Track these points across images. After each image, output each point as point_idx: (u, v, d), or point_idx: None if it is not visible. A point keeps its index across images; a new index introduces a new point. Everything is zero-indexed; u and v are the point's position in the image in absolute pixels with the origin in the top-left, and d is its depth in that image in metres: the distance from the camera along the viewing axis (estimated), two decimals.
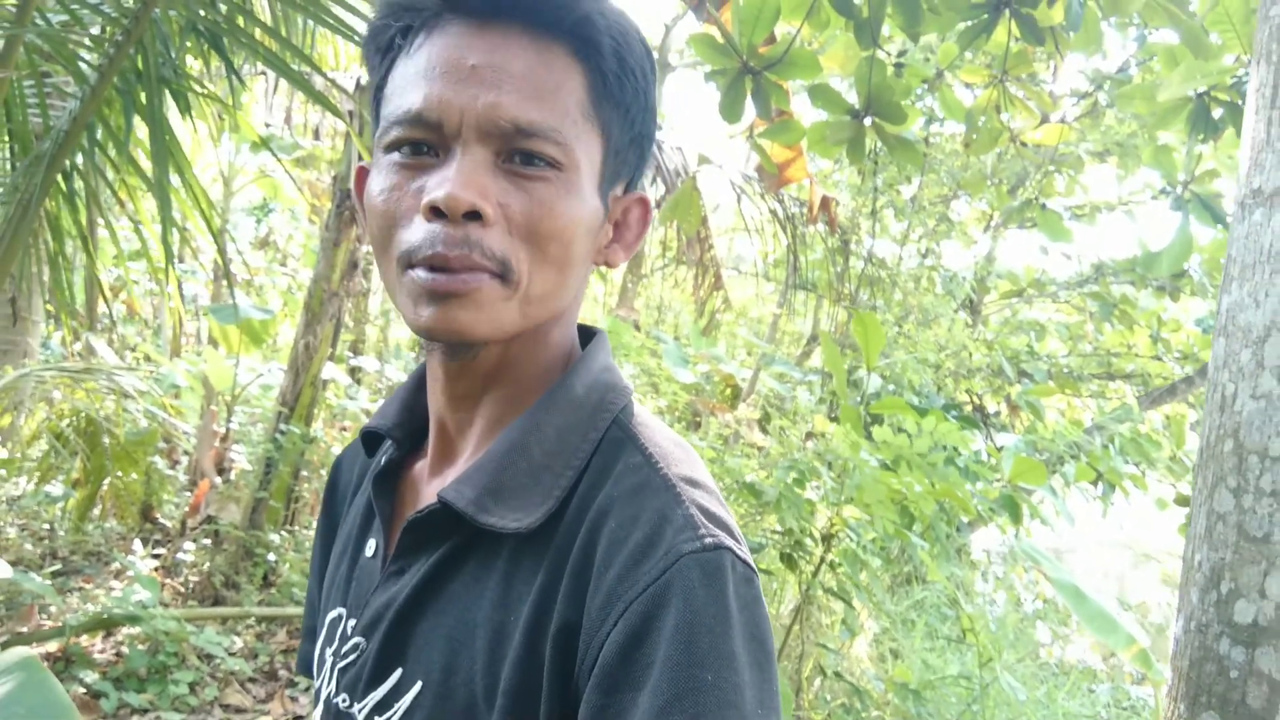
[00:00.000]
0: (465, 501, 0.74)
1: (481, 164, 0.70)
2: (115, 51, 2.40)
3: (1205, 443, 1.92)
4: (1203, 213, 3.06)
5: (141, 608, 3.43)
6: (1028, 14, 3.05)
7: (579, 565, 0.69)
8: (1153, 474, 6.44)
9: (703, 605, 0.64)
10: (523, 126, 0.70)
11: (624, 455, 0.75)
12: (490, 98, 0.70)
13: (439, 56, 0.72)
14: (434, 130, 0.71)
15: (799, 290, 8.25)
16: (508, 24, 0.72)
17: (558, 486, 0.74)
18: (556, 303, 0.77)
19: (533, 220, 0.72)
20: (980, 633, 3.13)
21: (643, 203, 0.84)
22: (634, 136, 0.80)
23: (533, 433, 0.77)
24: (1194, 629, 1.86)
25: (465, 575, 0.75)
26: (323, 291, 4.83)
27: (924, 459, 2.89)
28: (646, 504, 0.70)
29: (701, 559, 0.66)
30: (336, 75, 4.77)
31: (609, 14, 0.75)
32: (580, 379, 0.81)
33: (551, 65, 0.73)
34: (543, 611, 0.69)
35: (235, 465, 5.28)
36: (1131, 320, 7.70)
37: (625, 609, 0.65)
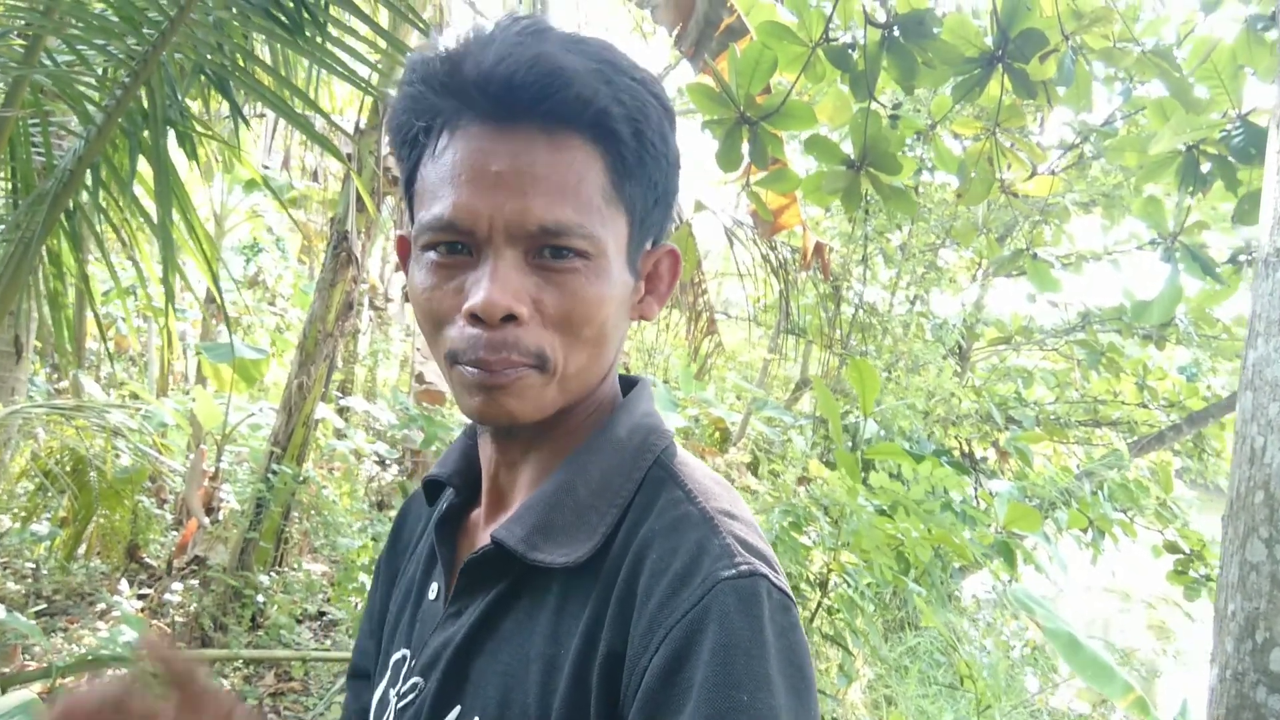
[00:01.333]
0: (516, 540, 0.77)
1: (512, 266, 0.74)
2: (123, 93, 2.42)
3: (1235, 494, 1.94)
4: (1192, 264, 3.12)
5: (128, 649, 3.38)
6: (1020, 69, 3.12)
7: (623, 596, 0.72)
8: (1140, 521, 6.47)
9: (738, 629, 0.66)
10: (549, 227, 0.73)
11: (665, 492, 0.79)
12: (516, 204, 0.73)
13: (463, 162, 0.75)
14: (466, 235, 0.75)
15: (789, 335, 8.31)
16: (525, 124, 0.74)
17: (603, 523, 0.78)
18: (595, 376, 0.82)
19: (565, 311, 0.75)
20: (977, 679, 3.13)
21: (672, 254, 0.88)
22: (658, 198, 0.82)
23: (579, 474, 0.80)
24: (1229, 678, 1.87)
25: (518, 612, 0.78)
26: (318, 332, 4.83)
27: (920, 505, 2.90)
28: (686, 536, 0.73)
29: (737, 585, 0.68)
30: (335, 118, 4.81)
31: (624, 99, 0.76)
32: (623, 424, 0.84)
33: (572, 161, 0.75)
34: (590, 642, 0.72)
35: (224, 505, 5.24)
36: (1118, 368, 7.78)
37: (666, 635, 0.67)
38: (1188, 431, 7.08)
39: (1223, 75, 2.84)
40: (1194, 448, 7.77)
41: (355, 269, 4.89)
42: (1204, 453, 7.81)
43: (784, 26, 3.23)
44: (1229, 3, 3.68)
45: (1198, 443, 7.68)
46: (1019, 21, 3.04)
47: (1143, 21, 4.46)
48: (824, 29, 3.21)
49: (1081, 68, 2.91)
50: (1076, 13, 2.96)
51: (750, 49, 3.08)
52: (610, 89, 0.75)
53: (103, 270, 6.42)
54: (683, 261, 0.92)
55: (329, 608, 5.16)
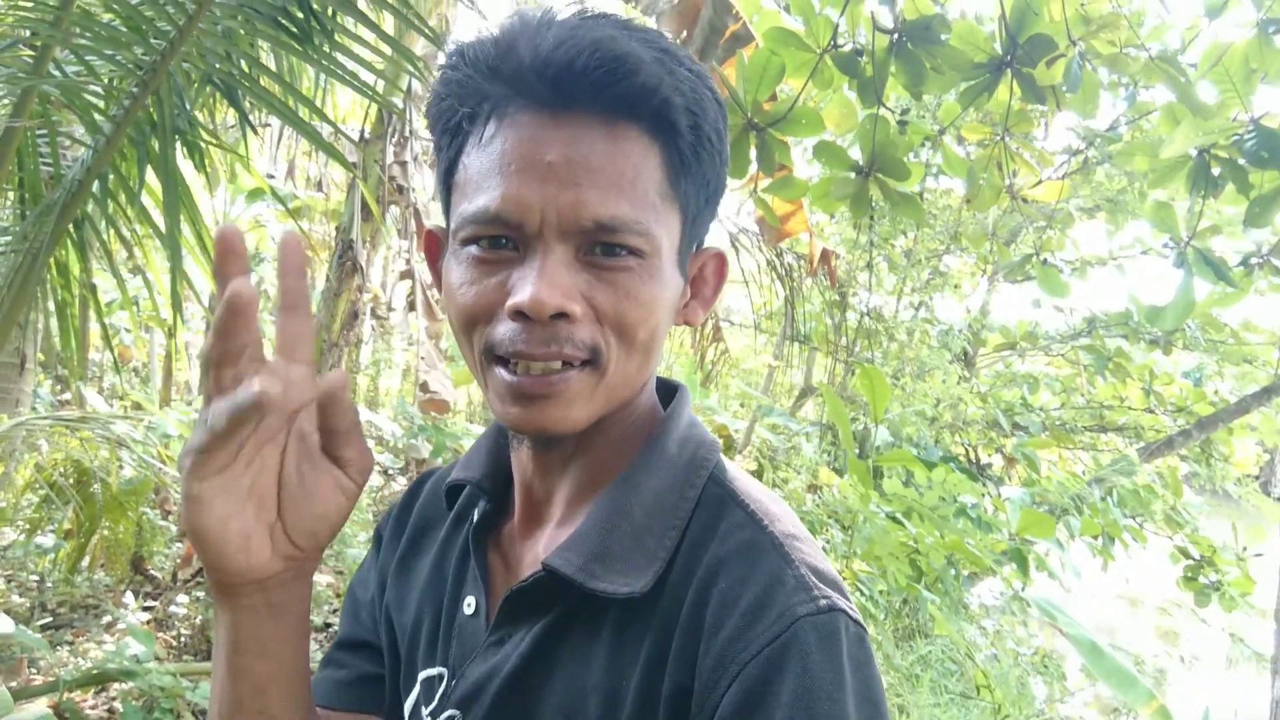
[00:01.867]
0: (573, 569, 0.72)
1: (563, 263, 0.69)
2: (131, 103, 2.41)
3: None
4: (1204, 268, 3.11)
5: (136, 662, 3.36)
6: (1028, 74, 3.11)
7: (689, 627, 0.68)
8: (1149, 527, 6.45)
9: (820, 671, 0.63)
10: (604, 223, 0.69)
11: (726, 514, 0.75)
12: (570, 196, 0.68)
13: (514, 151, 0.70)
14: (513, 229, 0.70)
15: (794, 342, 8.29)
16: (582, 112, 0.70)
17: (662, 548, 0.73)
18: (638, 383, 0.78)
19: (620, 312, 0.71)
20: (994, 689, 3.11)
21: (718, 257, 0.85)
22: (709, 196, 0.79)
23: (632, 494, 0.76)
24: None
25: (572, 643, 0.74)
26: (323, 342, 4.82)
27: (935, 511, 2.89)
28: (757, 564, 0.69)
29: (817, 622, 0.65)
30: (340, 128, 4.80)
31: (684, 89, 0.72)
32: (671, 437, 0.80)
33: (629, 153, 0.70)
34: (654, 674, 0.68)
35: None
36: (1125, 373, 7.76)
37: (740, 671, 0.64)
38: (1196, 437, 7.06)
39: (1234, 79, 2.83)
40: (1202, 453, 7.75)
41: (360, 278, 4.88)
42: (1211, 458, 7.78)
43: (791, 33, 3.22)
44: (1235, 8, 3.68)
45: (1206, 448, 7.66)
46: (1027, 27, 3.03)
47: (1147, 27, 4.45)
48: (832, 35, 3.20)
49: (1088, 73, 2.90)
50: (1085, 18, 2.95)
51: (758, 55, 3.07)
52: (672, 79, 0.71)
53: (106, 281, 6.41)
54: None
55: (335, 619, 5.14)
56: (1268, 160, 2.95)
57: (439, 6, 4.82)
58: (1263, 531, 6.21)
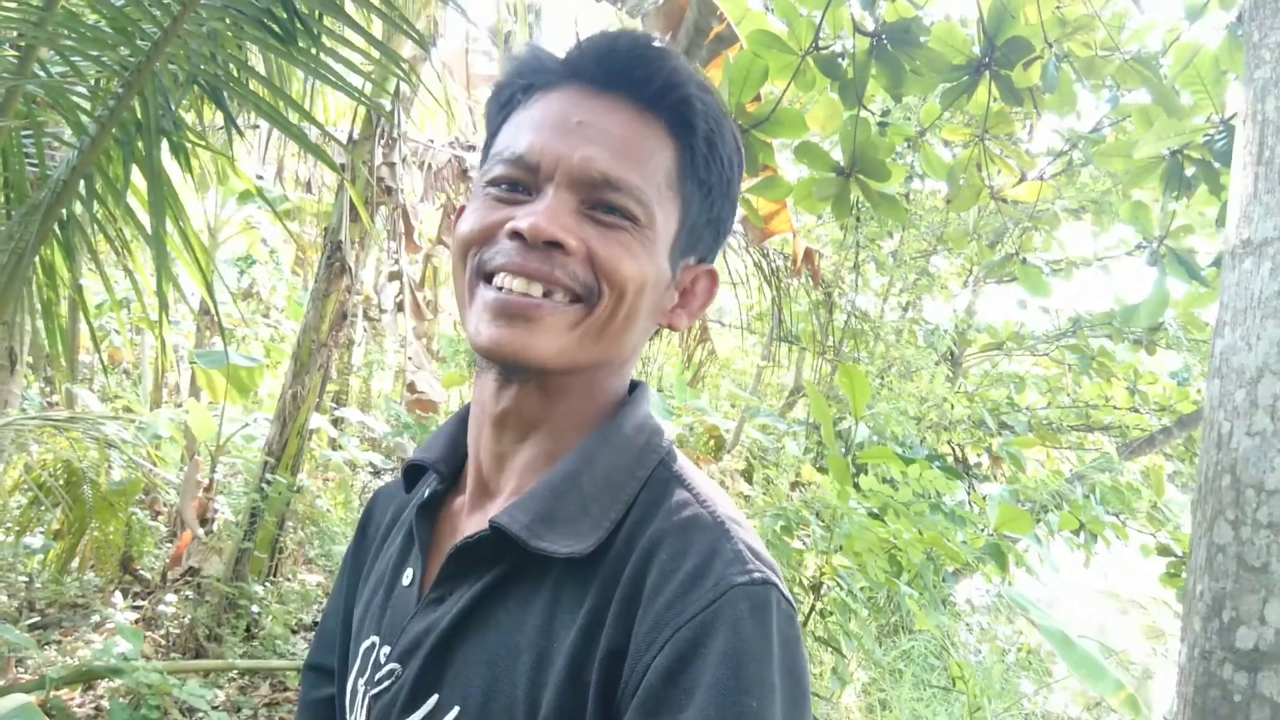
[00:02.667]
0: (519, 526, 0.76)
1: (566, 206, 0.76)
2: (116, 103, 2.42)
3: (1204, 478, 1.98)
4: (1178, 268, 3.15)
5: (123, 660, 3.37)
6: (1006, 76, 3.16)
7: (628, 593, 0.71)
8: (1132, 524, 6.49)
9: (750, 635, 0.66)
10: (611, 179, 0.76)
11: (673, 493, 0.79)
12: (587, 151, 0.76)
13: (551, 111, 0.79)
14: (531, 171, 0.77)
15: (782, 342, 8.33)
16: (618, 93, 0.79)
17: (606, 518, 0.77)
18: (615, 349, 0.81)
19: (614, 260, 0.77)
20: (970, 682, 3.14)
21: (711, 275, 0.89)
22: (711, 218, 0.85)
23: (585, 467, 0.80)
24: (1198, 656, 1.90)
25: (510, 601, 0.77)
26: (311, 342, 4.84)
27: (910, 507, 2.92)
28: (697, 538, 0.73)
29: (750, 591, 0.69)
30: (329, 129, 4.83)
31: (709, 103, 0.81)
32: (629, 421, 0.84)
33: (648, 135, 0.79)
34: (589, 638, 0.71)
35: (219, 516, 5.23)
36: (1109, 373, 7.82)
37: (673, 634, 0.67)
38: (1178, 435, 7.11)
39: (1205, 81, 2.88)
40: (1185, 451, 7.81)
41: (349, 279, 4.90)
42: (1194, 456, 7.83)
43: (774, 35, 3.26)
44: (1214, 10, 3.72)
45: (1189, 446, 7.72)
46: (1005, 29, 3.07)
47: (1128, 29, 4.50)
48: (814, 38, 3.24)
49: (1064, 74, 2.95)
50: (1061, 21, 3.00)
51: (741, 57, 3.11)
52: (700, 90, 0.81)
53: (96, 282, 6.42)
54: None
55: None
56: None
57: (426, 8, 4.84)
58: None
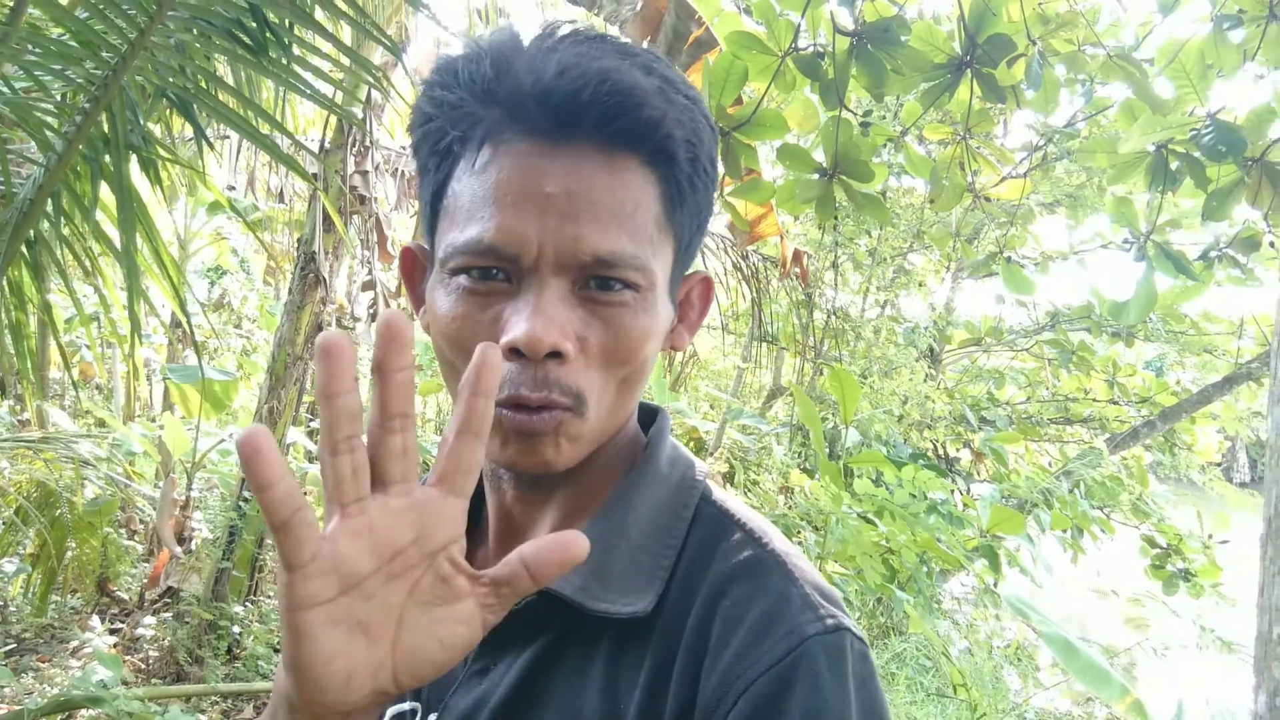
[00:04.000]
0: (573, 589, 0.70)
1: (560, 298, 0.68)
2: (83, 118, 2.36)
3: (1273, 510, 1.91)
4: (1164, 262, 3.15)
5: (103, 688, 3.29)
6: (988, 73, 3.14)
7: (693, 645, 0.67)
8: (1116, 517, 6.52)
9: (829, 691, 0.63)
10: (604, 257, 0.68)
11: (724, 533, 0.74)
12: (571, 230, 0.67)
13: (510, 181, 0.68)
14: (508, 261, 0.68)
15: (762, 343, 8.31)
16: (582, 142, 0.68)
17: (660, 567, 0.72)
18: (624, 413, 0.76)
19: (609, 349, 0.70)
20: (970, 687, 3.12)
21: (705, 281, 0.84)
22: (700, 224, 0.78)
23: (629, 514, 0.75)
24: (1279, 705, 1.84)
25: (566, 668, 0.71)
26: (287, 355, 4.76)
27: (906, 509, 2.90)
28: (761, 581, 0.69)
29: (825, 642, 0.65)
30: (300, 139, 4.75)
31: (684, 120, 0.71)
32: (661, 458, 0.79)
33: (628, 184, 0.69)
34: (656, 696, 0.67)
35: (196, 534, 5.14)
36: (1089, 366, 7.86)
37: (747, 688, 0.63)
38: (1160, 427, 7.16)
39: (1190, 75, 2.87)
40: (1165, 442, 7.87)
41: (323, 290, 4.83)
42: (1175, 447, 7.90)
43: (752, 36, 3.22)
44: (1188, 4, 3.73)
45: (1169, 437, 7.78)
46: (986, 27, 3.05)
47: (1102, 24, 4.51)
48: (793, 38, 3.21)
49: (1049, 71, 2.93)
50: (1043, 17, 2.98)
51: (721, 60, 3.08)
52: (674, 111, 0.70)
53: (65, 298, 6.29)
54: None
55: None
56: (1224, 154, 2.99)
57: (397, 15, 4.78)
58: (1227, 518, 6.31)
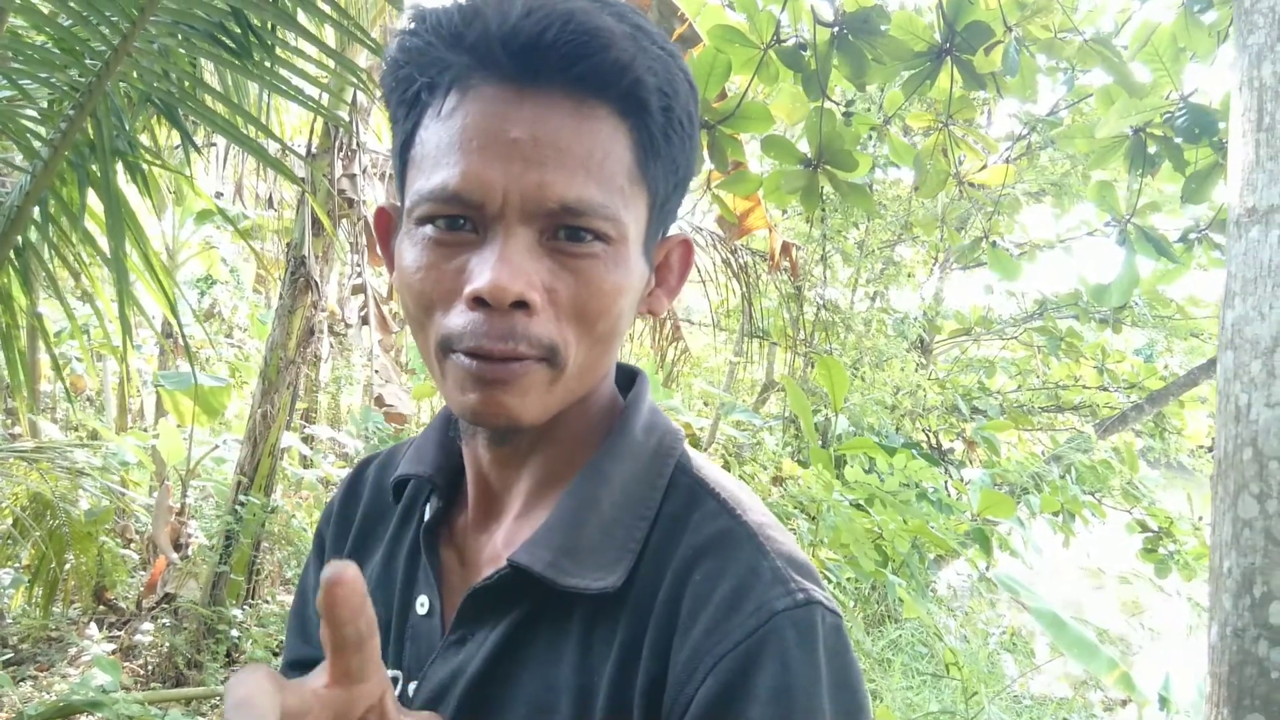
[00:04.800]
0: (543, 565, 0.70)
1: (526, 247, 0.66)
2: (68, 125, 2.37)
3: (1223, 452, 1.96)
4: (1145, 245, 3.18)
5: (102, 692, 3.30)
6: (967, 60, 3.17)
7: (663, 619, 0.67)
8: (1108, 501, 6.56)
9: (798, 667, 0.63)
10: (570, 205, 0.65)
11: (698, 503, 0.73)
12: (535, 176, 0.65)
13: (476, 126, 0.66)
14: (473, 209, 0.66)
15: (753, 338, 8.34)
16: (550, 88, 0.66)
17: (632, 539, 0.71)
18: (599, 373, 0.75)
19: (580, 302, 0.68)
20: (964, 669, 3.15)
21: (684, 244, 0.81)
22: (678, 181, 0.76)
23: (600, 486, 0.74)
24: (1230, 634, 1.89)
25: (540, 641, 0.71)
26: (279, 360, 4.77)
27: (897, 496, 2.92)
28: (732, 555, 0.68)
29: (795, 617, 0.65)
30: (287, 144, 4.76)
31: (657, 68, 0.68)
32: (636, 425, 0.78)
33: (598, 132, 0.67)
34: (628, 669, 0.67)
35: (192, 540, 5.14)
36: (1078, 353, 7.90)
37: (715, 664, 0.63)
38: (1149, 411, 7.21)
39: (1164, 58, 2.90)
40: (1155, 427, 7.92)
41: (314, 294, 4.84)
42: (1164, 431, 7.95)
43: (735, 29, 3.25)
44: None
45: (1158, 422, 7.82)
46: (964, 15, 3.08)
47: (1081, 11, 4.55)
48: (774, 31, 3.23)
49: (1026, 58, 2.96)
50: (1020, 4, 3.01)
51: (704, 53, 3.09)
52: (645, 57, 0.67)
53: (54, 310, 6.29)
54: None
55: None
56: (1198, 135, 3.03)
57: (380, 17, 4.79)
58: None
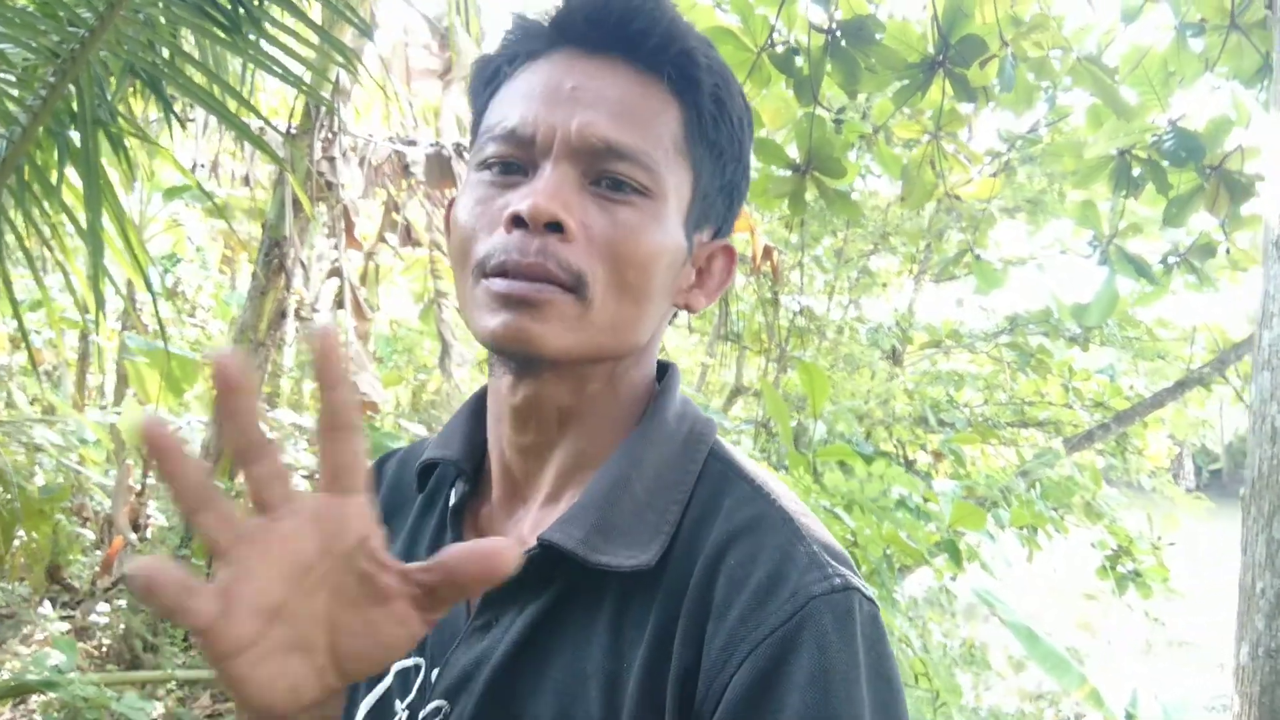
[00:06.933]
0: (574, 542, 0.69)
1: (568, 180, 0.70)
2: (49, 92, 2.32)
3: (1257, 473, 1.95)
4: (1126, 266, 3.21)
5: (57, 673, 3.22)
6: (960, 74, 3.18)
7: (696, 605, 0.66)
8: (1070, 518, 6.63)
9: (836, 653, 0.62)
10: (614, 146, 0.70)
11: (731, 488, 0.73)
12: (585, 116, 0.70)
13: (541, 80, 0.74)
14: (526, 147, 0.71)
15: (723, 341, 8.35)
16: (612, 54, 0.73)
17: (665, 522, 0.71)
18: (631, 335, 0.74)
19: (614, 242, 0.70)
20: (932, 676, 3.17)
21: (728, 251, 0.83)
22: (724, 184, 0.79)
23: (633, 468, 0.73)
24: (1262, 654, 1.88)
25: (569, 624, 0.70)
26: (249, 341, 4.70)
27: (876, 503, 2.93)
28: (766, 539, 0.68)
29: (832, 601, 0.64)
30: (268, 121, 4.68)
31: (712, 57, 0.75)
32: (669, 411, 0.78)
33: (649, 95, 0.73)
34: (660, 656, 0.66)
35: (151, 522, 5.04)
36: (1046, 369, 7.99)
37: (751, 651, 0.62)
38: (1115, 430, 7.30)
39: (1154, 82, 2.93)
40: (1117, 446, 8.01)
41: (287, 277, 4.76)
42: (1126, 451, 8.05)
43: (729, 31, 3.24)
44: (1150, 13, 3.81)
45: (1120, 441, 7.92)
46: (959, 28, 3.10)
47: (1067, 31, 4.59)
48: (768, 34, 3.23)
49: (1022, 73, 2.98)
50: (1015, 20, 3.03)
51: None
52: (700, 44, 0.74)
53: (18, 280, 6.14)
54: None
55: None
56: (1185, 160, 3.06)
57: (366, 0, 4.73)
58: (1176, 521, 6.45)
